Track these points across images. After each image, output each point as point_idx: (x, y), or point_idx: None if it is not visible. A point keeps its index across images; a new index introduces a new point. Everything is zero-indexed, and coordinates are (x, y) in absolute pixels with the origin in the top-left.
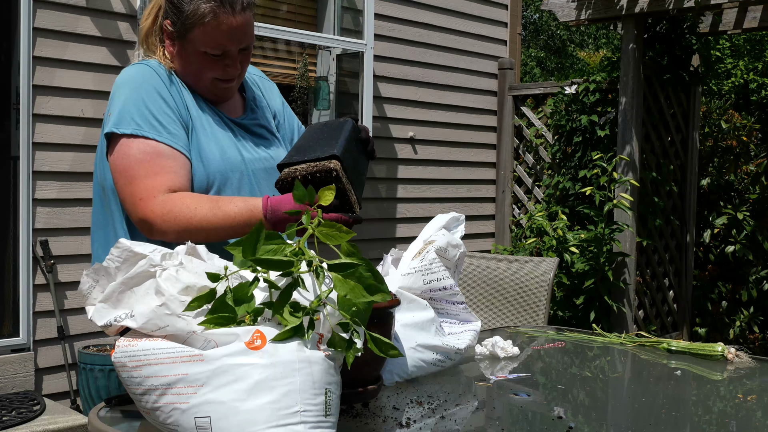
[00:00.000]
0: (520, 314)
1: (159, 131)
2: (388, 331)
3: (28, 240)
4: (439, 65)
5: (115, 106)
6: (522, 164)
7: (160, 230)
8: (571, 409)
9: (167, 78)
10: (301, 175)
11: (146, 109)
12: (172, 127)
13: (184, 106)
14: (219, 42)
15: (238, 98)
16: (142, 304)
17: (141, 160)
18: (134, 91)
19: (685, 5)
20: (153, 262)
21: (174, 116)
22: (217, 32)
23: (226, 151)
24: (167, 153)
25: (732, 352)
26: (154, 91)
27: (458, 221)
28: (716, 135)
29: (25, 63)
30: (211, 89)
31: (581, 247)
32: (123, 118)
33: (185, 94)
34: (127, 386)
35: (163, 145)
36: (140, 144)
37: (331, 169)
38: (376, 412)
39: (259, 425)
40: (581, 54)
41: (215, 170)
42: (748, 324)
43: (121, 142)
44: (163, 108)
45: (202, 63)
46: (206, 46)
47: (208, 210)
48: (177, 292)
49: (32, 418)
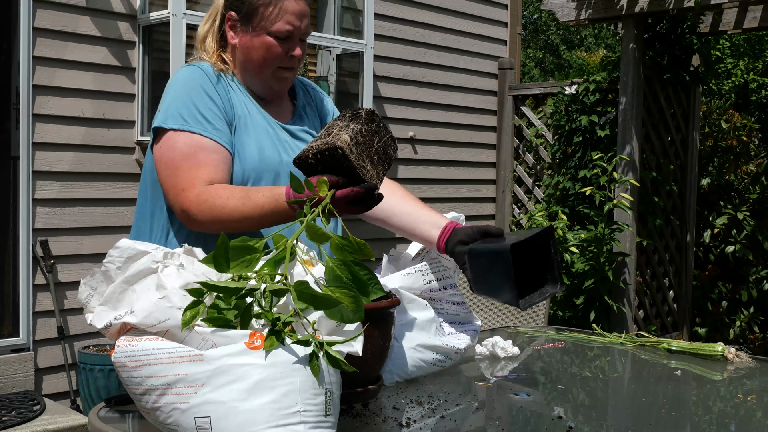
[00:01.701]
0: (520, 314)
1: (204, 126)
2: (388, 331)
3: (28, 240)
4: (439, 65)
5: (164, 103)
6: (522, 164)
7: (197, 220)
8: (571, 409)
9: (215, 78)
10: (312, 153)
11: (193, 106)
12: (216, 123)
13: (230, 105)
14: (286, 20)
15: (288, 104)
16: (142, 299)
17: (185, 153)
18: (183, 89)
19: (685, 5)
20: (155, 258)
21: (219, 113)
22: (284, 11)
23: (264, 151)
24: (210, 147)
25: (732, 352)
26: (202, 90)
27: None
28: (716, 135)
29: (25, 63)
30: (272, 78)
31: (581, 247)
32: (170, 113)
33: (233, 94)
34: (127, 386)
35: (207, 139)
36: (185, 138)
37: (337, 147)
38: (376, 412)
39: (259, 425)
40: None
41: (251, 168)
42: (748, 324)
43: (168, 136)
44: (209, 105)
45: (267, 48)
46: (273, 26)
47: (238, 199)
48: (179, 286)
49: (32, 418)
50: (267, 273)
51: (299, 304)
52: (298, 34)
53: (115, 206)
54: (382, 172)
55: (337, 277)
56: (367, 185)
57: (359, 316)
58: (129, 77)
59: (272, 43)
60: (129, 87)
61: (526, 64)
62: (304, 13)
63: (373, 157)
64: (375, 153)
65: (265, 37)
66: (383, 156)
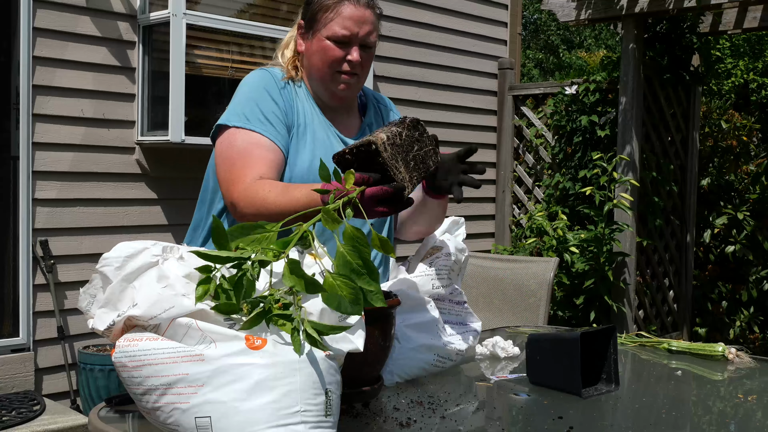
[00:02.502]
0: (520, 314)
1: (265, 126)
2: (388, 331)
3: (28, 240)
4: (439, 65)
5: (231, 103)
6: (522, 164)
7: (242, 212)
8: (571, 409)
9: (282, 83)
10: (349, 149)
11: (256, 107)
12: (277, 124)
13: (292, 111)
14: (342, 24)
15: (356, 120)
16: (145, 291)
17: (242, 149)
18: (248, 90)
19: (685, 5)
20: (154, 252)
21: (280, 116)
22: (340, 15)
23: (316, 162)
24: (267, 145)
25: (732, 352)
26: (266, 92)
27: (458, 225)
28: (716, 135)
29: (25, 63)
30: (332, 82)
31: (581, 247)
32: (235, 112)
33: (298, 102)
34: (127, 386)
35: (265, 138)
36: (244, 135)
37: (371, 141)
38: (376, 412)
39: (259, 425)
40: (581, 54)
41: (298, 177)
42: (748, 324)
43: (229, 131)
44: (271, 107)
45: (326, 52)
46: (329, 30)
47: (278, 193)
48: (182, 274)
49: (32, 418)
50: (266, 247)
51: (288, 281)
52: (357, 40)
53: (115, 206)
54: (416, 178)
55: (347, 262)
56: (396, 185)
57: (358, 309)
58: (129, 77)
59: (329, 47)
60: (129, 87)
61: (526, 64)
62: (363, 19)
63: (409, 162)
64: (412, 159)
65: (324, 41)
66: (421, 164)
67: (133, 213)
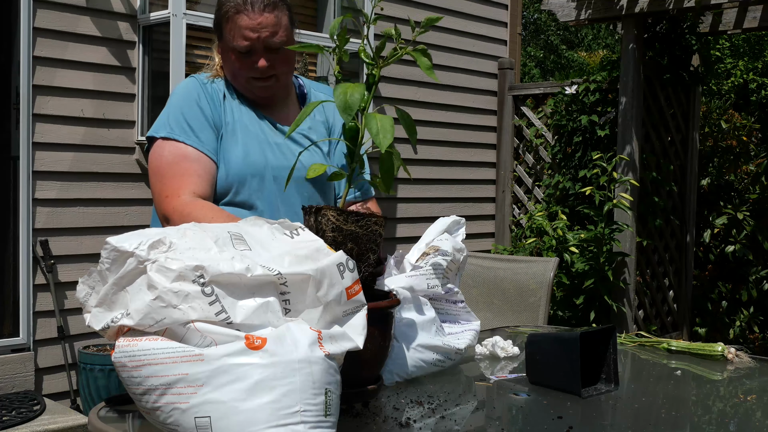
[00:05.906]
0: (520, 314)
1: (188, 135)
2: (387, 331)
3: (28, 240)
4: (439, 65)
5: (161, 113)
6: (522, 164)
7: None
8: (571, 409)
9: (207, 87)
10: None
11: (181, 116)
12: (202, 133)
13: (219, 113)
14: (241, 35)
15: (295, 108)
16: (136, 301)
17: (170, 162)
18: (175, 100)
19: (685, 5)
20: (140, 258)
21: (207, 123)
22: (238, 27)
23: (249, 154)
24: (194, 156)
25: (732, 352)
26: (192, 100)
27: (459, 225)
28: (716, 135)
29: (25, 63)
30: (248, 88)
31: (581, 247)
32: (161, 123)
33: (226, 102)
34: (127, 386)
35: (191, 148)
36: (171, 147)
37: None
38: (376, 412)
39: (259, 425)
40: (581, 54)
41: (234, 173)
42: (748, 324)
43: (157, 143)
44: (197, 115)
45: (235, 61)
46: (232, 41)
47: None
48: (170, 283)
49: (32, 418)
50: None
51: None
52: (259, 46)
53: (115, 206)
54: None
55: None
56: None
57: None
58: (129, 77)
59: (234, 58)
60: (129, 87)
61: (526, 64)
62: (261, 25)
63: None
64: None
65: (229, 52)
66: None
67: (133, 213)
